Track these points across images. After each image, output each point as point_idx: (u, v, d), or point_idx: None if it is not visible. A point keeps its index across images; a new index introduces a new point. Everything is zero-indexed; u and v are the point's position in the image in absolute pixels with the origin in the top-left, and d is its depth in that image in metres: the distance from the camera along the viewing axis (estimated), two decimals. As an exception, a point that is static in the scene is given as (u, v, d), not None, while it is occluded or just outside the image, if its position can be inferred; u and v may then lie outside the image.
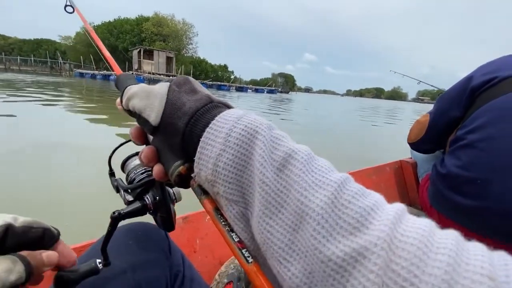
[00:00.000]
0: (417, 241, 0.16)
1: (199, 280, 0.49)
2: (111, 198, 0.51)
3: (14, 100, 5.82)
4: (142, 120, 0.28)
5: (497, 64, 0.87)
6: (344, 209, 0.18)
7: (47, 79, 17.59)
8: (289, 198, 0.20)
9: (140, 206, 0.37)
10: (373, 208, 0.18)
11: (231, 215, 0.23)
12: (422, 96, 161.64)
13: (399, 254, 0.16)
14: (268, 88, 46.26)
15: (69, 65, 43.74)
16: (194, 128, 0.24)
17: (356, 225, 0.18)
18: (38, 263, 0.24)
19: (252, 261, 0.21)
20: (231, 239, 0.22)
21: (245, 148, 0.22)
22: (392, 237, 0.17)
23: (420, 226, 0.17)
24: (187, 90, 0.27)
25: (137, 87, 0.30)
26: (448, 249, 0.16)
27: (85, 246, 0.55)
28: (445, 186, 0.89)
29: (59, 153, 2.56)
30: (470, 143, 0.81)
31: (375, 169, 1.34)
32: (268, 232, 0.20)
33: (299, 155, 0.21)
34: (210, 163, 0.23)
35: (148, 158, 0.29)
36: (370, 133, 6.49)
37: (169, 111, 0.26)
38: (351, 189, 0.19)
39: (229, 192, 0.22)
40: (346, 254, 0.17)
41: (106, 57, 0.56)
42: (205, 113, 0.25)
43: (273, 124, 0.24)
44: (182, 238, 0.72)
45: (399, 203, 0.20)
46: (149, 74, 25.99)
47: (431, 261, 0.15)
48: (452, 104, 0.93)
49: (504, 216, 0.74)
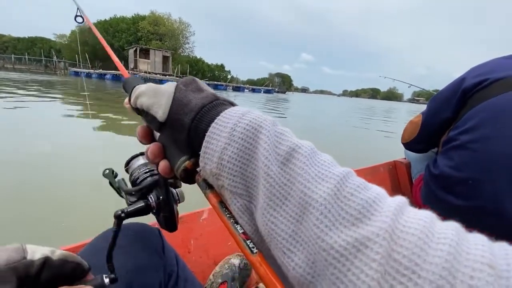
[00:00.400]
0: (418, 231, 0.16)
1: (193, 280, 0.49)
2: (106, 198, 0.51)
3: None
4: (149, 117, 0.29)
5: (490, 66, 0.88)
6: (347, 200, 0.19)
7: (39, 78, 17.36)
8: (293, 190, 0.21)
9: (144, 206, 0.37)
10: (375, 201, 0.19)
11: (235, 208, 0.23)
12: (417, 97, 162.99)
13: (401, 244, 0.16)
14: (265, 88, 46.28)
15: (64, 63, 43.26)
16: (200, 123, 0.25)
17: (358, 216, 0.18)
18: None
19: (256, 251, 0.21)
20: (236, 231, 0.23)
21: (249, 142, 0.23)
22: (393, 228, 0.17)
23: (421, 217, 0.18)
24: (193, 89, 0.28)
25: (145, 86, 0.31)
26: (449, 239, 0.16)
27: (81, 246, 0.54)
28: (437, 186, 0.91)
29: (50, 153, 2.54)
30: (462, 144, 0.83)
31: (369, 169, 1.35)
32: (272, 224, 0.21)
33: (302, 149, 0.22)
34: (215, 157, 0.23)
35: (154, 154, 0.30)
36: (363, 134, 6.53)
37: (176, 108, 0.27)
38: (354, 182, 0.20)
39: (233, 185, 0.23)
40: (348, 243, 0.17)
41: (115, 62, 0.58)
42: (210, 110, 0.26)
43: (276, 120, 0.25)
44: (177, 239, 0.72)
45: (400, 196, 0.20)
46: (145, 73, 25.82)
47: (432, 250, 0.15)
48: (444, 105, 0.94)
49: (496, 216, 0.75)
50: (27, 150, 2.49)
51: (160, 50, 31.73)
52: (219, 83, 34.32)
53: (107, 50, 0.64)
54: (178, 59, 42.20)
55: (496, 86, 0.81)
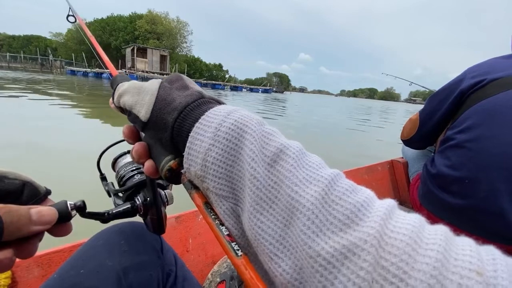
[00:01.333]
0: (406, 237, 0.16)
1: (191, 279, 0.49)
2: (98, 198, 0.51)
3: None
4: (132, 116, 0.28)
5: (487, 66, 0.89)
6: (335, 205, 0.18)
7: (34, 77, 17.23)
8: (280, 194, 0.20)
9: (130, 208, 0.36)
10: (363, 205, 0.18)
11: (221, 211, 0.23)
12: (414, 97, 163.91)
13: (389, 250, 0.16)
14: (262, 87, 46.28)
15: (60, 62, 42.93)
16: (184, 123, 0.24)
17: (346, 222, 0.18)
18: (19, 219, 0.20)
19: (241, 254, 0.20)
20: (221, 232, 0.22)
21: (234, 143, 0.22)
22: (382, 234, 0.17)
23: (409, 222, 0.17)
24: (178, 87, 0.27)
25: (128, 83, 0.30)
26: (437, 244, 0.16)
27: (76, 246, 0.54)
28: (435, 185, 0.91)
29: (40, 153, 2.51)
30: (459, 143, 0.83)
31: (367, 169, 1.36)
32: (259, 228, 0.20)
33: (290, 150, 0.21)
34: (199, 158, 0.23)
35: (138, 153, 0.29)
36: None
37: (159, 106, 0.26)
38: (342, 185, 0.20)
39: (218, 188, 0.22)
40: (336, 250, 0.17)
41: (105, 60, 0.57)
42: (194, 109, 0.25)
43: (264, 120, 0.24)
44: (175, 238, 0.72)
45: (389, 199, 0.20)
46: (143, 72, 25.71)
47: (420, 257, 0.15)
48: (441, 104, 0.95)
49: (492, 215, 0.76)
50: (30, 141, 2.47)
51: (157, 49, 31.63)
52: (217, 83, 34.25)
53: (96, 47, 0.63)
54: (175, 58, 42.09)
55: (493, 85, 0.81)
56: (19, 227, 0.20)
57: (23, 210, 0.21)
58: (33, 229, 0.22)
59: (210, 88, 29.72)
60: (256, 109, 9.04)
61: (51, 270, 0.52)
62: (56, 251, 0.53)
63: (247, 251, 0.22)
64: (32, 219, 0.21)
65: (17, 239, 0.21)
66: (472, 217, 0.80)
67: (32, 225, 0.21)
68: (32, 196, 0.25)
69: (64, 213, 0.24)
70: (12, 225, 0.20)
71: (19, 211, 0.21)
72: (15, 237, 0.20)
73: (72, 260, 0.38)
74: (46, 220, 0.23)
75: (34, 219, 0.21)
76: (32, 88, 8.47)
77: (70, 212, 0.25)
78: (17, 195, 0.24)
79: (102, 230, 0.43)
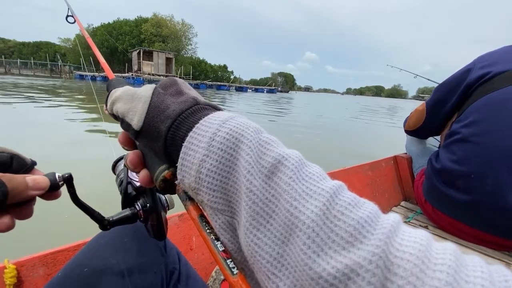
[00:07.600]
0: (413, 257, 0.15)
1: (195, 277, 0.49)
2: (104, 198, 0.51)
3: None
4: (125, 124, 0.27)
5: (496, 56, 0.87)
6: (337, 221, 0.17)
7: (44, 82, 17.58)
8: (278, 208, 0.19)
9: (130, 214, 0.36)
10: (367, 220, 0.17)
11: (217, 225, 0.22)
12: (422, 94, 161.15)
13: (395, 272, 0.15)
14: (267, 88, 46.29)
15: (69, 67, 43.70)
16: (177, 132, 0.23)
17: (349, 239, 0.16)
18: (18, 184, 0.23)
19: (237, 272, 0.20)
20: (216, 249, 0.21)
21: (229, 153, 0.21)
22: (387, 253, 0.16)
23: (416, 240, 0.16)
24: (172, 92, 0.26)
25: (121, 90, 0.29)
26: (447, 265, 0.15)
27: (80, 245, 0.55)
28: (440, 180, 0.90)
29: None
30: (465, 138, 0.82)
31: (371, 165, 1.35)
32: (255, 245, 0.19)
33: (289, 161, 0.20)
34: (193, 170, 0.22)
35: (133, 163, 0.28)
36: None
37: (152, 114, 0.25)
38: (344, 199, 0.18)
39: (213, 201, 0.21)
40: (338, 271, 0.15)
41: (101, 63, 0.59)
42: (189, 116, 0.24)
43: (262, 127, 0.23)
44: (178, 236, 0.72)
45: (394, 214, 0.19)
46: (149, 75, 26.00)
47: (429, 279, 0.14)
48: (448, 95, 0.94)
49: (497, 210, 0.74)
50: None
51: (163, 52, 31.89)
52: (222, 84, 34.43)
53: (93, 48, 0.65)
54: (181, 61, 42.36)
55: (499, 79, 0.80)
56: (19, 192, 0.23)
57: (21, 178, 0.24)
58: (30, 193, 0.24)
59: (215, 89, 29.93)
60: (263, 110, 9.00)
61: (56, 269, 0.52)
62: (61, 250, 0.53)
63: (244, 266, 0.22)
64: (29, 185, 0.24)
65: (16, 204, 0.24)
66: (478, 213, 0.79)
67: (30, 190, 0.24)
68: (20, 166, 0.26)
69: (54, 182, 0.27)
70: (14, 190, 0.23)
71: (18, 178, 0.24)
72: (16, 200, 0.23)
73: (76, 258, 0.38)
74: (40, 186, 0.25)
75: (31, 185, 0.24)
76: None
77: (59, 182, 0.27)
78: (7, 166, 0.26)
79: (101, 232, 0.44)
